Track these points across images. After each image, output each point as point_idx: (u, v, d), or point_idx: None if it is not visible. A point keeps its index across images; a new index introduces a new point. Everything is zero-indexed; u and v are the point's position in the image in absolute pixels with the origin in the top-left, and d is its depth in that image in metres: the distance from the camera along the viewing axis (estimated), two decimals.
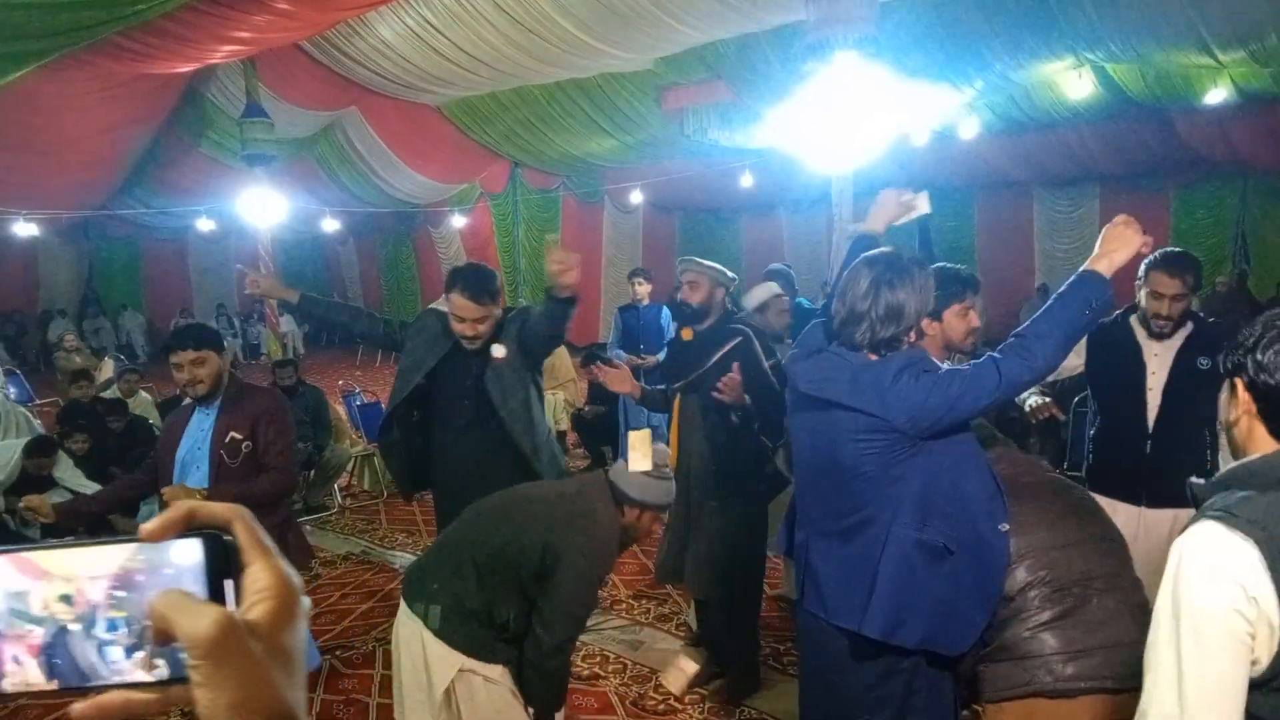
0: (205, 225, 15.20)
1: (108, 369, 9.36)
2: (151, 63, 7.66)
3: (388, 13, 8.35)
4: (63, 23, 5.86)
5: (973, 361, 2.09)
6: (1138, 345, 3.24)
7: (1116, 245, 2.04)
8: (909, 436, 2.05)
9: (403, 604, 2.61)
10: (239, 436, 3.18)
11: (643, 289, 6.66)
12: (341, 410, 8.02)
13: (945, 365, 2.15)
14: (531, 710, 2.64)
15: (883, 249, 2.26)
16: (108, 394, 7.49)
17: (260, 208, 9.63)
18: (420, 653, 2.52)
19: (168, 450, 3.27)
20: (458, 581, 2.52)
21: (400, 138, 12.50)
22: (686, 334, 3.73)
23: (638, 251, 17.76)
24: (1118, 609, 2.02)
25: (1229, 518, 1.25)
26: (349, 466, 7.42)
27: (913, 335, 2.17)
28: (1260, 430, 1.34)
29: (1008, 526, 2.11)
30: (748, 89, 9.99)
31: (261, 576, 0.53)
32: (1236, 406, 1.36)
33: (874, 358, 2.13)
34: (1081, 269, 2.06)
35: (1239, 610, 1.21)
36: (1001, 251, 15.06)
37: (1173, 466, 2.91)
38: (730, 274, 3.67)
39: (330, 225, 15.72)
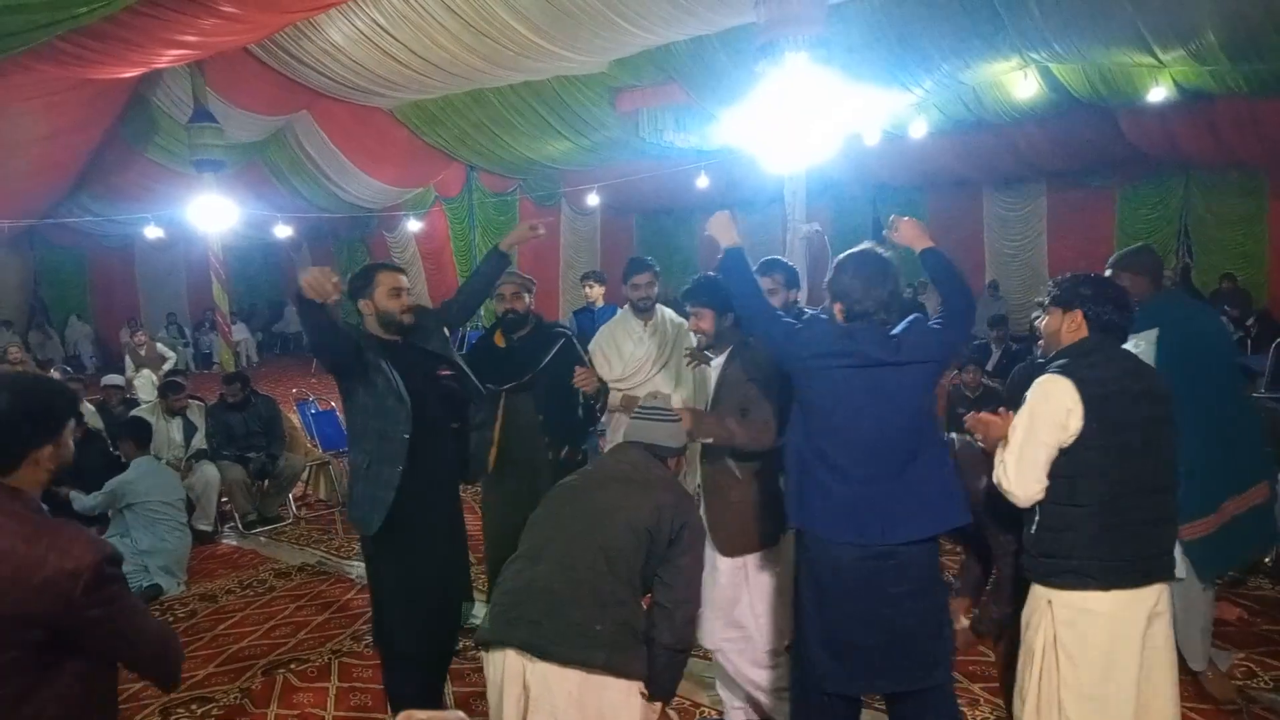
0: (153, 233, 14.84)
1: None
2: (95, 67, 7.47)
3: (337, 15, 8.24)
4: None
5: (940, 317, 2.72)
6: None
7: (916, 232, 2.84)
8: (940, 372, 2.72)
9: (539, 668, 2.29)
10: None
11: (594, 291, 6.61)
12: (296, 419, 7.91)
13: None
14: (655, 695, 2.49)
15: (863, 248, 2.72)
16: None
17: (210, 214, 9.45)
18: (595, 705, 2.31)
19: None
20: (617, 609, 2.36)
21: (353, 141, 12.36)
22: (500, 339, 3.98)
23: (595, 254, 17.73)
24: None
25: (1059, 370, 2.43)
26: (304, 476, 7.32)
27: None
28: (1072, 334, 2.53)
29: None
30: (701, 91, 10.03)
31: None
32: (1065, 324, 2.53)
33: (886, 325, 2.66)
34: (921, 250, 2.79)
35: (1060, 412, 2.35)
36: (952, 249, 14.78)
37: None
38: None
39: (283, 231, 15.45)
